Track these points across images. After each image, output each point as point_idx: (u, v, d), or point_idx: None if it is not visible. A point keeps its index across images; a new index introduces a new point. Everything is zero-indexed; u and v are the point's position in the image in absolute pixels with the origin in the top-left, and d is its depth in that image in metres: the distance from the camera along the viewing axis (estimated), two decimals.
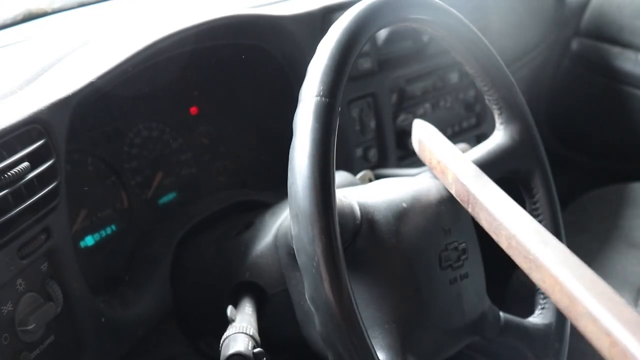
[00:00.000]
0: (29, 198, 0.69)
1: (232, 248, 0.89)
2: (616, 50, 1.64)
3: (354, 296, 0.59)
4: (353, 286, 0.59)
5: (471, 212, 0.72)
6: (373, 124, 1.17)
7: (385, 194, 0.75)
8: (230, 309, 0.77)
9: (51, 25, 1.03)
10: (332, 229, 0.58)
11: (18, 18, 1.02)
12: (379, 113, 1.18)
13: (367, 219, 0.72)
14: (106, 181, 0.99)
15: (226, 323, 0.76)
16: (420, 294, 0.72)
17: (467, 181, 0.73)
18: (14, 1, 1.05)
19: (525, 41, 1.63)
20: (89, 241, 0.95)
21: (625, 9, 1.62)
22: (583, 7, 1.71)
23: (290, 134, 0.62)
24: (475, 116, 1.38)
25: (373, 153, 1.17)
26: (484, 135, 1.34)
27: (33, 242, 0.70)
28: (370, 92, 1.16)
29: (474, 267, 0.78)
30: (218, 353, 0.72)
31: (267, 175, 1.13)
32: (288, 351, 0.91)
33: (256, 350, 0.71)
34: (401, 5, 0.69)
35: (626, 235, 1.42)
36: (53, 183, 0.72)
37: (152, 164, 1.05)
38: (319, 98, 0.61)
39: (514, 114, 0.80)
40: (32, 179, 0.69)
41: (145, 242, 0.97)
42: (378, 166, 1.17)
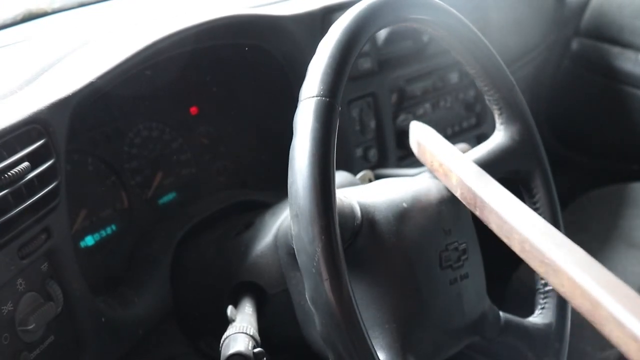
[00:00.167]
0: (29, 198, 0.69)
1: (232, 248, 0.89)
2: (616, 50, 1.64)
3: (354, 296, 0.59)
4: (353, 286, 0.59)
5: (479, 216, 0.71)
6: (373, 124, 1.17)
7: (385, 194, 0.75)
8: (230, 309, 0.77)
9: (51, 25, 1.03)
10: (332, 229, 0.58)
11: (18, 18, 1.02)
12: (379, 113, 1.18)
13: (368, 219, 0.72)
14: (106, 181, 0.99)
15: (226, 323, 0.76)
16: (420, 294, 0.72)
17: (473, 184, 0.72)
18: (14, 1, 1.05)
19: (525, 41, 1.63)
20: (89, 241, 0.95)
21: (625, 9, 1.62)
22: (583, 7, 1.71)
23: (290, 134, 0.62)
24: (475, 116, 1.38)
25: (373, 153, 1.17)
26: (484, 135, 1.34)
27: (33, 242, 0.70)
28: (370, 92, 1.16)
29: (474, 267, 0.78)
30: (218, 353, 0.72)
31: (267, 175, 1.13)
32: (288, 351, 0.91)
33: (256, 350, 0.71)
34: (401, 5, 0.69)
35: (626, 235, 1.42)
36: (53, 183, 0.72)
37: (152, 164, 1.04)
38: (319, 98, 0.61)
39: (514, 114, 0.80)
40: (32, 179, 0.69)
41: (145, 242, 0.97)
42: (378, 166, 1.17)
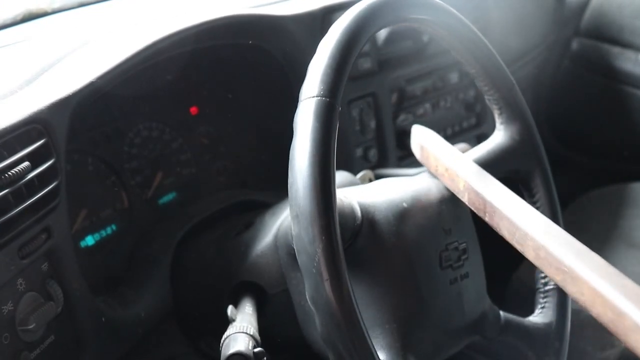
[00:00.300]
0: (29, 198, 0.69)
1: (232, 248, 0.89)
2: (616, 50, 1.64)
3: (355, 296, 0.59)
4: (353, 286, 0.59)
5: (488, 222, 0.70)
6: (373, 124, 1.17)
7: (385, 194, 0.75)
8: (230, 309, 0.77)
9: (51, 25, 1.03)
10: (333, 229, 0.58)
11: (18, 18, 1.02)
12: (379, 113, 1.18)
13: (368, 219, 0.72)
14: (106, 181, 0.99)
15: (226, 323, 0.76)
16: (420, 294, 0.72)
17: (482, 189, 0.71)
18: (14, 1, 1.05)
19: (525, 41, 1.63)
20: (89, 241, 0.95)
21: (625, 9, 1.62)
22: (583, 7, 1.70)
23: (290, 134, 0.62)
24: (475, 116, 1.38)
25: (373, 153, 1.17)
26: (484, 135, 1.34)
27: (33, 242, 0.70)
28: (370, 92, 1.16)
29: (474, 267, 0.78)
30: (218, 353, 0.72)
31: (267, 175, 1.13)
32: (288, 351, 0.91)
33: (256, 350, 0.71)
34: (401, 5, 0.69)
35: (626, 235, 1.42)
36: (53, 183, 0.72)
37: (152, 164, 1.04)
38: (320, 98, 0.61)
39: (514, 114, 0.80)
40: (33, 179, 0.69)
41: (145, 242, 0.97)
42: (378, 166, 1.17)
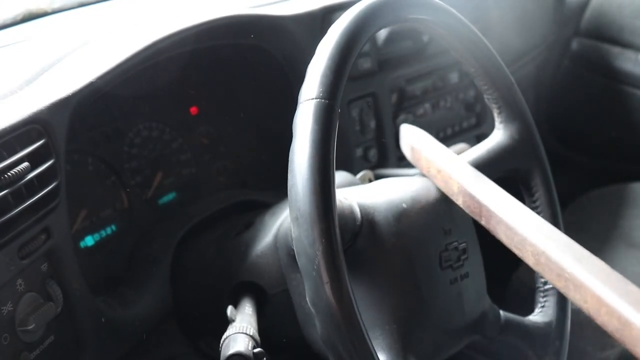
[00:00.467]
0: (29, 198, 0.69)
1: (232, 248, 0.89)
2: (616, 50, 1.64)
3: (355, 298, 0.59)
4: (353, 287, 0.59)
5: (485, 225, 0.69)
6: (373, 124, 1.17)
7: (385, 195, 0.75)
8: (230, 309, 0.77)
9: (51, 25, 1.03)
10: (333, 232, 0.58)
11: (18, 18, 1.02)
12: (379, 113, 1.18)
13: (367, 220, 0.72)
14: (106, 181, 0.99)
15: (226, 323, 0.76)
16: (420, 294, 0.72)
17: (478, 192, 0.70)
18: (14, 1, 1.05)
19: (525, 41, 1.63)
20: (89, 241, 0.95)
21: (625, 9, 1.62)
22: (583, 7, 1.70)
23: (290, 134, 0.62)
24: (475, 116, 1.38)
25: (373, 153, 1.17)
26: (484, 135, 1.33)
27: (33, 242, 0.70)
28: (370, 92, 1.16)
29: (474, 267, 0.78)
30: (218, 353, 0.72)
31: (267, 175, 1.13)
32: (288, 351, 0.91)
33: (256, 350, 0.71)
34: (401, 5, 0.69)
35: (626, 235, 1.42)
36: (53, 183, 0.72)
37: (152, 164, 1.04)
38: (319, 100, 0.61)
39: (514, 113, 0.80)
40: (32, 179, 0.69)
41: (145, 242, 0.97)
42: (378, 166, 1.17)
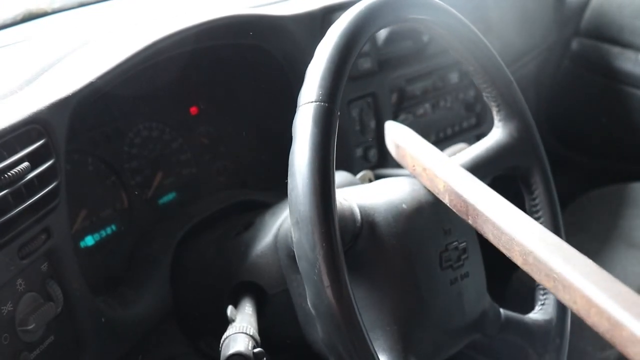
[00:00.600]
0: (29, 198, 0.68)
1: (232, 248, 0.89)
2: (616, 50, 1.64)
3: (356, 301, 0.59)
4: (354, 288, 0.59)
5: (472, 224, 0.68)
6: (373, 124, 1.17)
7: (385, 195, 0.75)
8: (230, 309, 0.77)
9: (51, 25, 1.03)
10: (333, 235, 0.58)
11: (18, 18, 1.02)
12: (379, 113, 1.17)
13: (368, 221, 0.72)
14: (106, 181, 0.99)
15: (226, 323, 0.76)
16: (421, 295, 0.72)
17: (464, 190, 0.69)
18: (14, 1, 1.05)
19: (525, 41, 1.63)
20: (89, 241, 0.95)
21: (625, 9, 1.62)
22: (583, 7, 1.70)
23: (290, 134, 0.62)
24: (475, 116, 1.38)
25: (373, 153, 1.17)
26: (484, 135, 1.33)
27: (33, 242, 0.70)
28: (370, 92, 1.16)
29: (475, 266, 0.78)
30: (218, 353, 0.72)
31: (267, 175, 1.13)
32: (288, 351, 0.91)
33: (256, 350, 0.71)
34: (401, 5, 0.69)
35: (626, 235, 1.42)
36: (53, 183, 0.72)
37: (152, 164, 1.04)
38: (318, 103, 0.61)
39: (513, 111, 0.80)
40: (32, 179, 0.69)
41: (145, 242, 0.97)
42: (378, 166, 1.17)
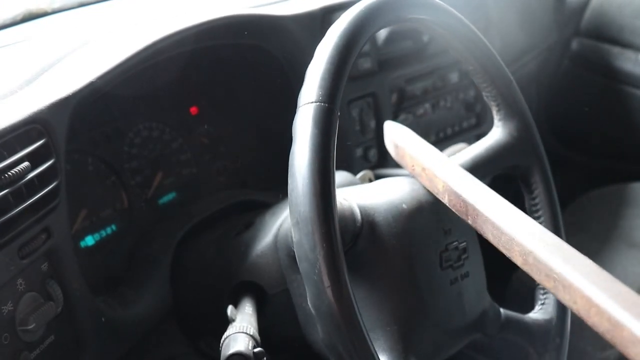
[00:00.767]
0: (29, 198, 0.68)
1: (232, 248, 0.89)
2: (616, 50, 1.64)
3: (356, 301, 0.59)
4: (354, 288, 0.59)
5: (471, 224, 0.68)
6: (373, 124, 1.17)
7: (385, 195, 0.75)
8: (230, 309, 0.77)
9: (51, 25, 1.03)
10: (333, 236, 0.58)
11: (18, 18, 1.02)
12: (379, 113, 1.18)
13: (368, 221, 0.72)
14: (106, 181, 0.99)
15: (226, 323, 0.76)
16: (421, 295, 0.72)
17: (463, 190, 0.69)
18: (14, 1, 1.05)
19: (525, 41, 1.63)
20: (89, 241, 0.95)
21: (625, 9, 1.62)
22: (583, 7, 1.71)
23: (290, 134, 0.62)
24: (475, 116, 1.38)
25: (373, 153, 1.17)
26: (484, 135, 1.34)
27: (33, 242, 0.70)
28: (370, 92, 1.16)
29: (475, 266, 0.78)
30: (218, 353, 0.72)
31: (267, 175, 1.13)
32: (288, 351, 0.91)
33: (256, 350, 0.71)
34: (401, 5, 0.69)
35: (626, 235, 1.42)
36: (53, 183, 0.72)
37: (152, 164, 1.04)
38: (318, 104, 0.61)
39: (512, 111, 0.80)
40: (32, 179, 0.69)
41: (145, 242, 0.97)
42: (378, 166, 1.17)
